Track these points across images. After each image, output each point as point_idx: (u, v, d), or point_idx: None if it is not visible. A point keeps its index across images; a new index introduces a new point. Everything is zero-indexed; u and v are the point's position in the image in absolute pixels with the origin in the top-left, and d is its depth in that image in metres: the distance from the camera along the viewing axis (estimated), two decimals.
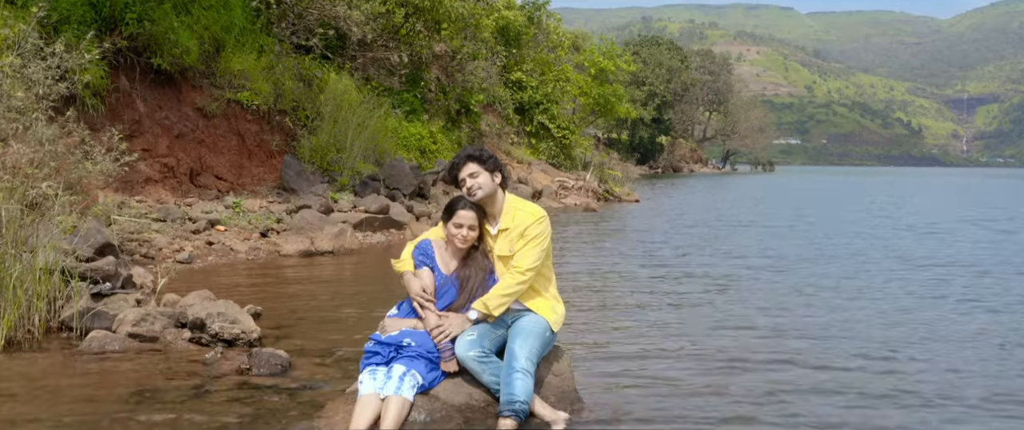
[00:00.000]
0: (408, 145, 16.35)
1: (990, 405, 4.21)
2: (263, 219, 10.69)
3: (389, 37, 16.15)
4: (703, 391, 4.37)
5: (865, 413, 4.05)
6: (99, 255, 5.82)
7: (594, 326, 6.11)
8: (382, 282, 7.96)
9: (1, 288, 4.91)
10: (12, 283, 4.94)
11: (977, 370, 4.95)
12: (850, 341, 5.69)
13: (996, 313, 6.84)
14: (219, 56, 13.01)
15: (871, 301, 7.43)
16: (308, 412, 3.80)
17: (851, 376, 4.75)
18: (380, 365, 3.59)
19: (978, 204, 21.77)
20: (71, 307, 5.23)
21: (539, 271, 3.82)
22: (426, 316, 3.69)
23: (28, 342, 4.97)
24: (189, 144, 12.01)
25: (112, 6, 11.72)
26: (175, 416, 3.75)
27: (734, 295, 7.64)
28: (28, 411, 3.80)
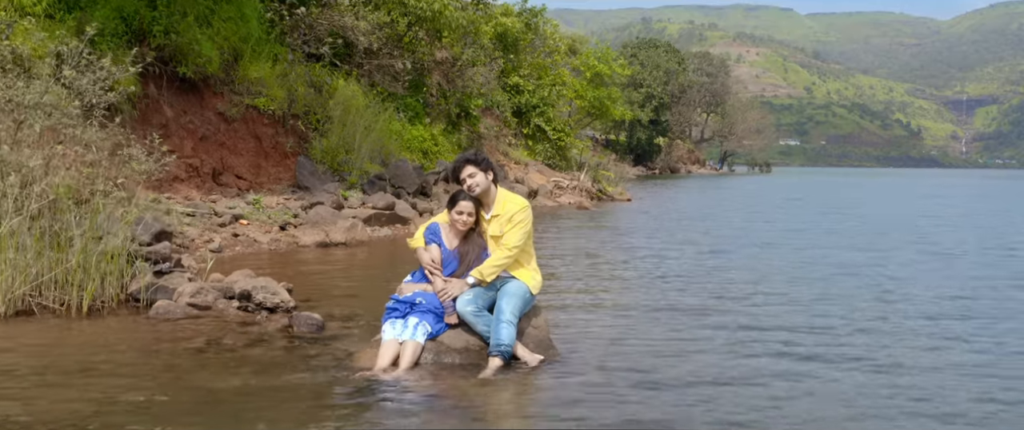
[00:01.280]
0: (411, 147, 17.42)
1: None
2: (281, 214, 11.78)
3: (393, 45, 17.23)
4: (652, 342, 5.45)
5: (776, 345, 5.14)
6: (156, 240, 6.90)
7: (570, 293, 7.21)
8: (389, 268, 9.04)
9: (84, 267, 5.99)
10: (92, 262, 6.03)
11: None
12: (751, 296, 6.79)
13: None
14: (238, 65, 14.08)
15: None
16: (341, 357, 4.89)
17: (742, 335, 5.85)
18: (398, 318, 4.68)
19: (943, 212, 22.79)
20: (136, 283, 6.31)
21: (522, 248, 4.90)
22: (434, 281, 4.78)
23: (106, 310, 6.05)
24: (212, 146, 13.09)
25: (141, 20, 12.81)
26: (241, 358, 4.83)
27: (677, 278, 8.76)
28: (125, 359, 4.88)
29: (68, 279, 6.02)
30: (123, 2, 12.73)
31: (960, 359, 5.29)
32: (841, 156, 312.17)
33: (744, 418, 3.94)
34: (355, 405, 4.02)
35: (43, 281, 6.00)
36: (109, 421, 3.68)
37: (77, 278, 5.99)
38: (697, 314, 6.71)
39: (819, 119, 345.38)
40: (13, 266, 5.90)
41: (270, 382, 4.38)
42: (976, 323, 6.53)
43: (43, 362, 4.69)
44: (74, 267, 5.98)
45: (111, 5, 12.59)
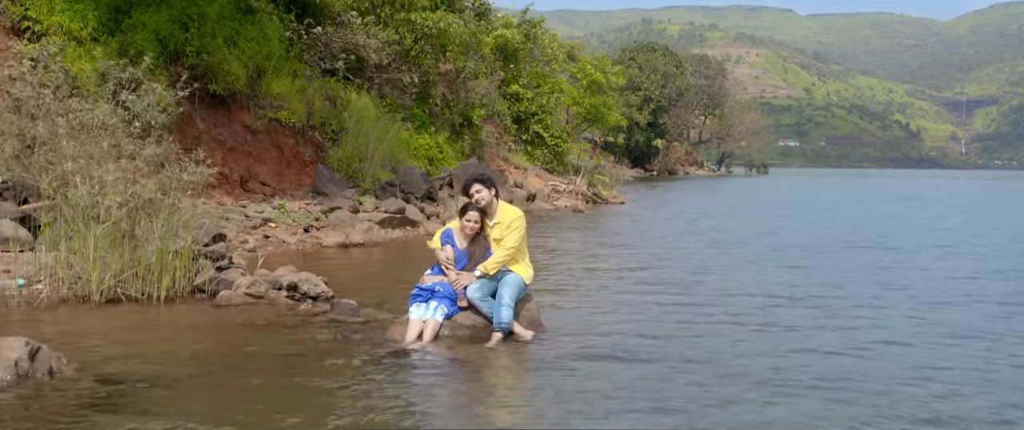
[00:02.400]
0: (418, 154, 18.78)
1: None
2: (304, 218, 13.12)
3: (401, 60, 18.58)
4: (617, 322, 6.81)
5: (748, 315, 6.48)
6: (214, 242, 8.26)
7: (557, 283, 8.56)
8: (403, 265, 10.41)
9: (162, 263, 7.34)
10: (166, 260, 7.38)
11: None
12: (714, 285, 8.15)
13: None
14: (261, 81, 15.44)
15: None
16: (376, 332, 6.24)
17: (712, 313, 7.20)
18: (422, 302, 6.03)
19: (910, 214, 24.23)
20: (201, 277, 7.66)
21: (518, 248, 6.25)
22: (449, 274, 6.13)
23: (178, 299, 7.40)
24: (239, 156, 14.44)
25: (176, 42, 14.17)
26: (296, 335, 6.19)
27: (645, 272, 10.12)
28: (204, 335, 6.24)
29: (147, 274, 7.38)
30: (160, 25, 14.08)
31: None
32: (840, 157, 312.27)
33: (686, 366, 5.30)
34: (393, 366, 5.38)
35: (126, 275, 7.35)
36: (209, 370, 5.04)
37: (156, 272, 7.34)
38: (657, 302, 8.06)
39: (818, 120, 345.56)
40: (103, 263, 7.25)
41: (325, 350, 5.74)
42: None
43: (146, 336, 6.05)
44: (154, 263, 7.33)
45: (149, 28, 13.94)
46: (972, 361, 5.91)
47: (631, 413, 4.53)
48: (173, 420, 4.16)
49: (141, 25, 13.91)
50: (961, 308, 8.15)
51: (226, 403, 4.55)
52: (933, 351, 6.22)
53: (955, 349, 6.31)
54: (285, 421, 4.24)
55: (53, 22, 13.19)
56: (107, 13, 13.78)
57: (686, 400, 4.77)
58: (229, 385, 4.90)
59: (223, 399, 4.63)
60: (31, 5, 13.22)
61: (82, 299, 7.23)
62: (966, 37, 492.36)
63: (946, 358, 5.99)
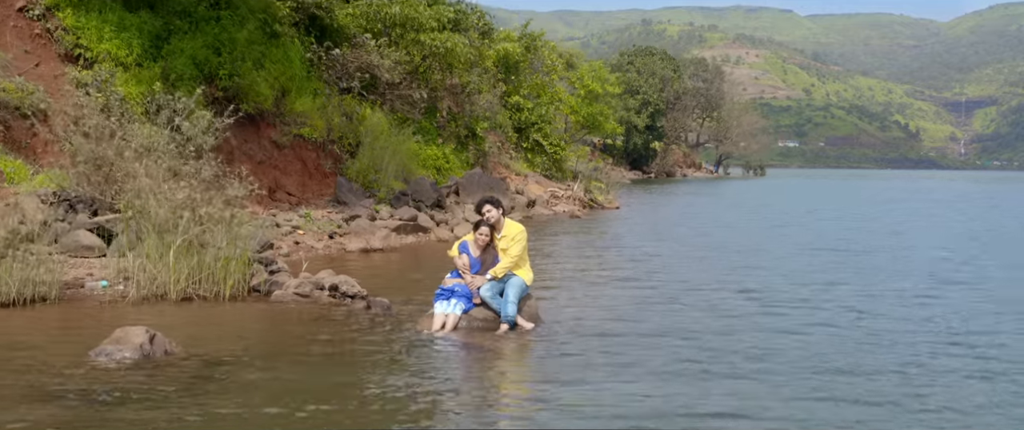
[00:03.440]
0: (427, 164, 20.30)
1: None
2: (328, 225, 14.64)
3: (411, 77, 20.11)
4: (603, 315, 8.32)
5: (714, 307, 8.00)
6: (264, 249, 9.77)
7: (553, 284, 10.08)
8: (418, 268, 11.94)
9: (226, 267, 8.86)
10: (230, 265, 8.89)
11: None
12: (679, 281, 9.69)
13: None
14: (286, 100, 16.97)
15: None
16: (406, 323, 7.76)
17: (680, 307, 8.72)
18: (444, 299, 7.54)
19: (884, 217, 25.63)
20: (256, 279, 9.17)
21: (520, 256, 7.75)
22: (465, 277, 7.64)
23: (239, 298, 8.92)
24: (267, 169, 15.97)
25: (211, 67, 15.70)
26: (344, 326, 7.70)
27: (629, 273, 11.65)
28: (269, 326, 7.76)
29: (213, 276, 8.89)
30: (196, 51, 15.63)
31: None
32: (839, 157, 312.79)
33: (652, 342, 6.82)
34: (424, 349, 6.90)
35: (196, 278, 8.86)
36: (238, 355, 6.57)
37: (221, 275, 8.86)
38: (634, 298, 9.58)
39: (818, 121, 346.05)
40: (178, 268, 8.77)
41: (368, 338, 7.26)
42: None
43: (223, 327, 7.57)
44: (219, 268, 8.85)
45: (186, 54, 15.49)
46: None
47: (601, 376, 6.07)
48: (268, 391, 5.67)
49: (179, 51, 15.46)
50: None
51: (302, 376, 6.07)
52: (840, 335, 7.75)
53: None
54: (350, 388, 5.77)
55: (102, 49, 14.73)
56: (149, 40, 15.33)
57: (646, 367, 6.30)
58: (302, 363, 6.43)
59: (299, 374, 6.15)
60: (82, 34, 14.75)
61: (159, 297, 8.75)
62: (966, 38, 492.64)
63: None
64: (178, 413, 5.13)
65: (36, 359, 6.38)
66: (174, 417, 5.05)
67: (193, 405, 5.30)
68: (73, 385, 5.70)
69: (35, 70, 13.96)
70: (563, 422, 5.14)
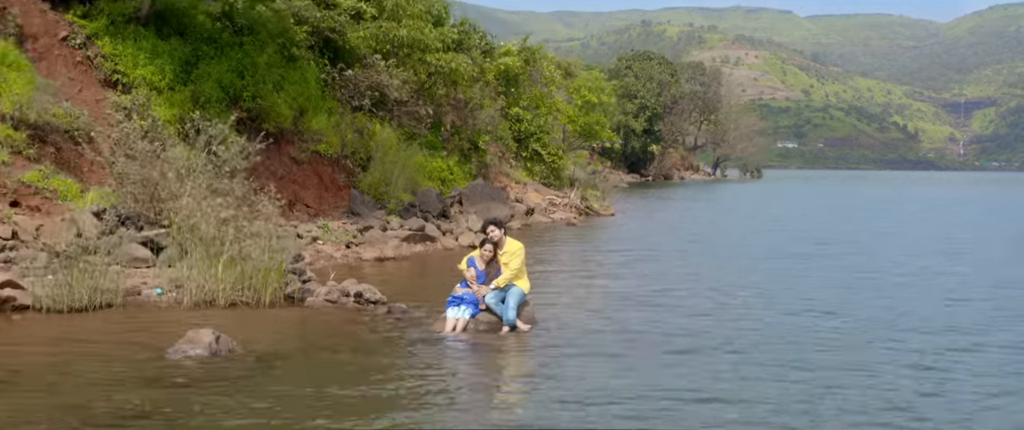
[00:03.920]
0: (432, 176, 21.72)
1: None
2: (343, 236, 16.06)
3: (417, 95, 21.53)
4: (589, 318, 9.74)
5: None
6: (296, 261, 11.19)
7: (548, 290, 11.49)
8: (427, 275, 13.38)
9: (265, 277, 10.27)
10: (270, 275, 10.30)
11: None
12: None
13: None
14: (303, 118, 18.38)
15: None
16: (423, 324, 9.19)
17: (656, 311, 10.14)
18: (455, 305, 8.96)
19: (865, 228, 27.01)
20: (290, 287, 10.58)
21: (519, 269, 9.17)
22: (473, 286, 9.06)
23: (276, 305, 10.32)
24: (287, 183, 17.37)
25: (235, 89, 17.11)
26: (370, 327, 9.12)
27: (618, 279, 13.08)
28: (307, 328, 9.17)
29: (253, 285, 10.30)
30: (222, 75, 17.04)
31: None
32: (838, 158, 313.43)
33: (631, 340, 8.23)
34: (438, 347, 8.32)
35: (240, 286, 10.27)
36: (285, 352, 8.00)
37: (261, 284, 10.27)
38: (620, 300, 11.00)
39: (817, 122, 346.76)
40: (224, 278, 10.19)
41: (391, 338, 8.68)
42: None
43: (269, 329, 8.99)
44: (259, 278, 10.26)
45: (213, 78, 16.90)
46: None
47: (585, 365, 7.48)
48: (316, 380, 7.08)
49: (207, 75, 16.87)
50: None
51: (341, 368, 7.49)
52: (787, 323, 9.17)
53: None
54: (380, 378, 7.19)
55: (138, 75, 16.13)
56: (179, 66, 16.73)
57: (623, 359, 7.71)
58: (339, 358, 7.85)
59: (339, 366, 7.57)
60: (119, 61, 16.15)
61: (208, 304, 10.16)
62: (965, 38, 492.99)
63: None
64: (247, 397, 6.55)
65: (122, 356, 7.81)
66: (245, 400, 6.47)
67: (258, 390, 6.72)
68: (160, 376, 7.13)
69: (78, 95, 15.35)
70: (551, 401, 6.56)
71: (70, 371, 7.29)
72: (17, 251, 11.75)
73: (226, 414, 6.10)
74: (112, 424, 5.95)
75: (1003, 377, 7.63)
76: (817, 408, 6.55)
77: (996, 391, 7.15)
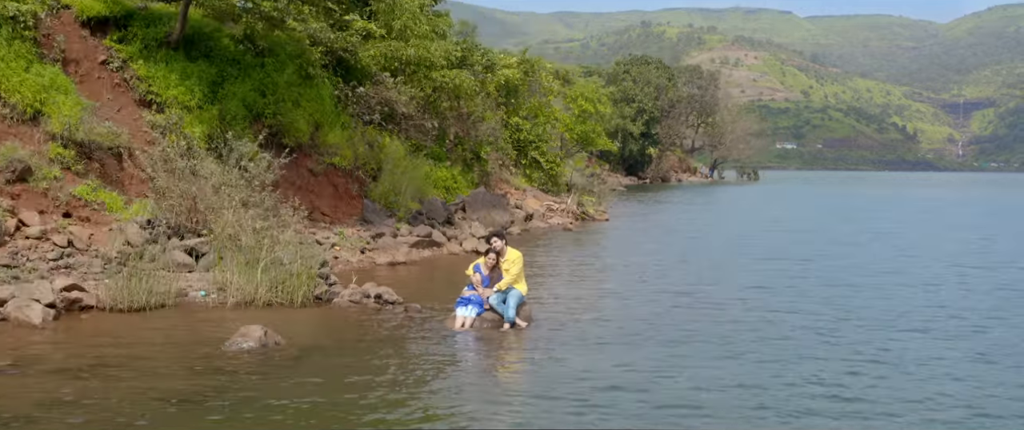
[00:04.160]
0: (437, 185, 23.25)
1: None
2: (358, 242, 17.57)
3: (423, 109, 23.08)
4: (579, 316, 11.26)
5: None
6: (322, 266, 12.71)
7: (543, 292, 13.01)
8: (435, 278, 14.88)
9: (297, 280, 11.79)
10: (301, 279, 11.83)
11: None
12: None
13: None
14: (319, 133, 19.90)
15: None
16: (435, 321, 10.73)
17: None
18: (463, 305, 10.51)
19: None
20: (318, 289, 12.09)
21: (518, 275, 10.70)
22: (478, 289, 10.60)
23: (307, 305, 11.84)
24: (305, 193, 18.88)
25: (258, 107, 18.63)
26: (388, 325, 10.66)
27: (609, 282, 14.60)
28: (336, 325, 10.71)
29: (285, 288, 11.82)
30: (245, 94, 18.57)
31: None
32: (837, 159, 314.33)
33: (617, 333, 9.75)
34: (449, 340, 9.86)
35: (274, 289, 11.79)
36: (322, 344, 9.54)
37: (293, 287, 11.79)
38: (609, 299, 12.54)
39: (816, 123, 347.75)
40: (263, 282, 11.71)
41: (408, 333, 10.21)
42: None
43: (304, 325, 10.52)
44: (291, 281, 11.78)
45: (238, 97, 18.43)
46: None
47: (574, 353, 9.01)
48: (351, 367, 8.61)
49: (232, 94, 18.40)
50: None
51: (371, 358, 9.02)
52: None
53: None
54: (404, 365, 8.72)
55: (169, 95, 17.65)
56: (207, 86, 18.25)
57: (607, 348, 9.25)
58: (368, 350, 9.38)
59: (368, 356, 9.10)
60: (153, 82, 17.68)
61: (247, 304, 11.68)
62: (964, 39, 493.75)
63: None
64: (298, 380, 8.08)
65: (185, 347, 9.34)
66: (296, 381, 8.00)
67: (307, 374, 8.26)
68: (221, 364, 8.65)
69: (118, 115, 16.88)
70: (544, 381, 8.09)
71: (144, 360, 8.81)
72: (74, 257, 13.31)
73: (281, 393, 7.62)
74: (189, 400, 7.46)
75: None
76: (767, 382, 8.08)
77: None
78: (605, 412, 7.22)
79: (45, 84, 15.58)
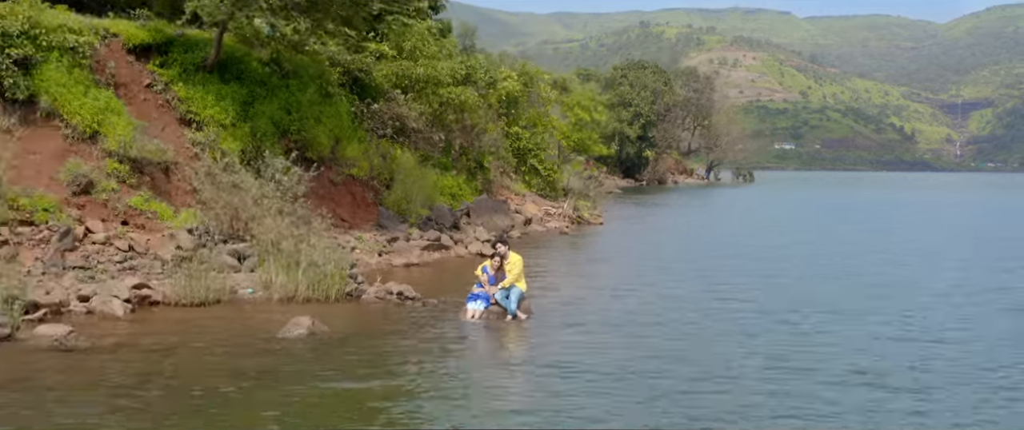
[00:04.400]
0: (444, 192, 25.37)
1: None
2: (375, 246, 19.69)
3: (431, 123, 25.23)
4: (571, 309, 13.38)
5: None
6: (351, 267, 14.84)
7: (539, 288, 15.12)
8: (445, 278, 17.00)
9: (331, 280, 13.90)
10: (334, 278, 13.94)
11: None
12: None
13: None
14: (338, 146, 22.03)
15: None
16: (449, 313, 12.87)
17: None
18: (473, 300, 12.65)
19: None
20: (348, 287, 14.21)
21: (519, 275, 12.82)
22: (486, 287, 12.73)
23: (339, 303, 13.95)
24: (327, 202, 20.98)
25: (284, 124, 20.75)
26: (410, 316, 12.80)
27: (595, 280, 16.72)
28: (369, 317, 12.85)
29: (322, 286, 13.93)
30: (273, 112, 20.67)
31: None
32: (835, 160, 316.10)
33: (603, 325, 11.88)
34: (461, 329, 12.00)
35: (312, 286, 13.90)
36: (358, 332, 11.69)
37: (327, 285, 13.90)
38: (598, 295, 14.65)
39: (814, 123, 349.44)
40: (303, 281, 13.83)
41: (427, 323, 12.35)
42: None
43: (341, 317, 12.66)
44: (327, 280, 13.89)
45: (266, 115, 20.53)
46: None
47: (563, 335, 11.13)
48: (382, 350, 10.73)
49: (261, 113, 20.50)
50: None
51: (399, 342, 11.14)
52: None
53: None
54: (426, 347, 10.85)
55: (207, 114, 19.73)
56: (239, 106, 20.35)
57: (593, 331, 11.36)
58: (397, 336, 11.51)
59: (398, 341, 11.23)
60: (192, 103, 19.77)
61: (289, 300, 13.79)
62: (963, 39, 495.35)
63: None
64: (345, 358, 10.20)
65: (246, 334, 11.45)
66: (343, 359, 10.12)
67: (350, 354, 10.38)
68: (277, 348, 10.77)
69: (162, 133, 18.98)
70: (539, 358, 10.21)
71: (215, 343, 10.92)
72: (135, 260, 15.43)
73: (332, 367, 9.75)
74: (256, 375, 9.54)
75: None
76: (737, 363, 10.19)
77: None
78: (586, 377, 9.34)
79: (101, 107, 17.66)
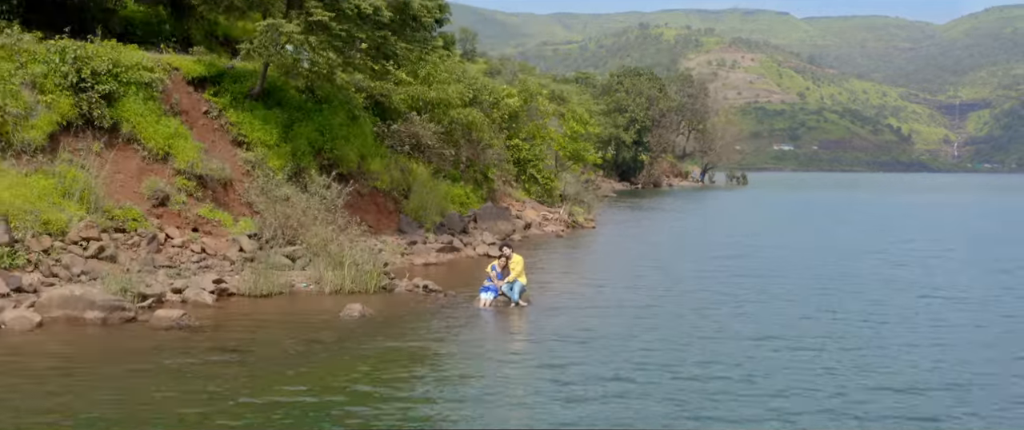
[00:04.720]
0: (454, 201, 28.88)
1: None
2: (398, 248, 23.17)
3: (443, 140, 28.76)
4: (565, 300, 16.89)
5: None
6: (385, 265, 18.33)
7: (537, 282, 18.59)
8: (457, 275, 20.50)
9: (370, 276, 17.40)
10: (373, 274, 17.43)
11: None
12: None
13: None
14: (364, 162, 25.54)
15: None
16: (466, 302, 16.39)
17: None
18: (485, 291, 16.17)
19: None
20: (382, 281, 17.69)
21: (521, 271, 16.32)
22: (495, 281, 16.25)
23: (377, 294, 17.45)
24: (355, 210, 24.45)
25: (319, 143, 24.26)
26: (434, 304, 16.32)
27: (585, 277, 20.24)
28: (401, 305, 16.37)
29: (363, 281, 17.41)
30: (309, 134, 24.19)
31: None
32: (832, 161, 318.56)
33: (594, 311, 15.38)
34: (475, 314, 15.52)
35: (355, 281, 17.38)
36: (398, 314, 15.24)
37: (367, 280, 17.39)
38: (588, 289, 18.15)
39: (811, 124, 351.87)
40: (348, 276, 17.32)
41: (448, 309, 15.87)
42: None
43: (380, 305, 16.18)
44: (367, 276, 17.38)
45: (303, 136, 24.04)
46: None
47: (557, 318, 14.63)
48: (416, 328, 14.24)
49: (299, 134, 24.01)
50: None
51: (428, 322, 14.66)
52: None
53: None
54: (449, 327, 14.37)
55: (255, 137, 23.24)
56: (281, 129, 23.87)
57: (582, 315, 14.87)
58: (426, 319, 15.02)
59: (427, 321, 14.74)
60: (241, 127, 23.26)
61: (337, 292, 17.27)
62: (961, 40, 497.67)
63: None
64: (391, 332, 13.71)
65: (309, 317, 14.95)
66: (390, 334, 13.63)
67: (394, 329, 13.90)
68: (339, 326, 14.27)
69: (219, 153, 22.50)
70: (538, 334, 13.71)
71: (288, 323, 14.43)
72: (208, 260, 18.93)
73: (382, 339, 13.26)
74: (332, 341, 13.03)
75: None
76: (676, 335, 13.69)
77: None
78: (571, 349, 12.85)
79: (171, 132, 21.18)
